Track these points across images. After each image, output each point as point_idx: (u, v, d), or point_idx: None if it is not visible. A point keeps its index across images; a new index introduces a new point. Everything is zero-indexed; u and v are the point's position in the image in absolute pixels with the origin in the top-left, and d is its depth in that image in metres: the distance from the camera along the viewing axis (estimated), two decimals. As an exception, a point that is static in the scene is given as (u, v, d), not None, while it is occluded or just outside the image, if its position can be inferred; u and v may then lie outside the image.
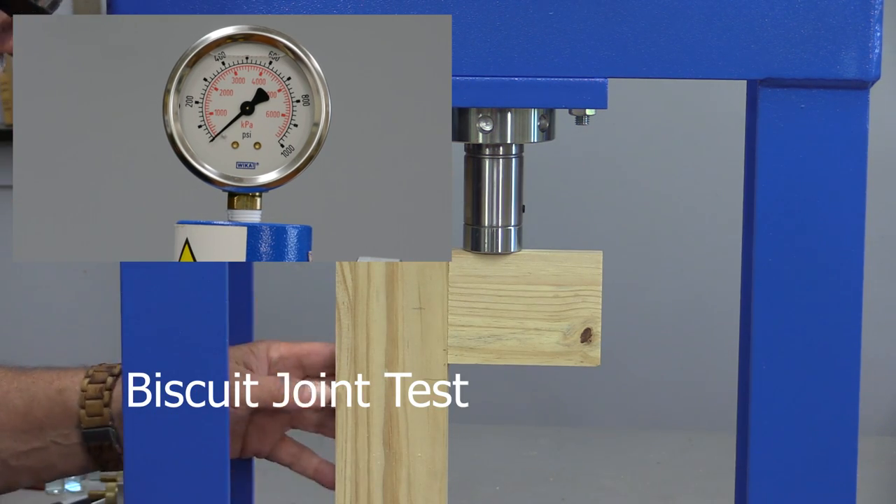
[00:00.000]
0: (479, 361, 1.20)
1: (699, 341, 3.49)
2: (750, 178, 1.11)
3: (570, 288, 1.19)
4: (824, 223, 1.05)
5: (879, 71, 1.03)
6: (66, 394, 1.32)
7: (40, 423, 1.32)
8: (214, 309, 1.09)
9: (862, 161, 1.05)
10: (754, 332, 1.07)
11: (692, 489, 2.17)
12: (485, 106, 1.12)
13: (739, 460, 1.18)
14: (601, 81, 1.06)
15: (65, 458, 1.33)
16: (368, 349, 1.20)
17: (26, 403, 1.32)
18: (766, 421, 1.07)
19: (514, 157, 1.17)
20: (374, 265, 1.19)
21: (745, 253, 1.10)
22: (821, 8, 1.03)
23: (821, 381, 1.06)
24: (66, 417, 1.32)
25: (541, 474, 2.25)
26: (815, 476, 1.07)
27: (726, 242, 2.62)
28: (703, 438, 2.46)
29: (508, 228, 1.18)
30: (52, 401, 1.32)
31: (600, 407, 3.50)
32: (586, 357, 1.20)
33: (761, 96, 1.04)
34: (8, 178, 3.50)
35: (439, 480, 1.21)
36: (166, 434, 1.11)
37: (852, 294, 1.06)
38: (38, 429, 1.32)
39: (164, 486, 1.11)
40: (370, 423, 1.21)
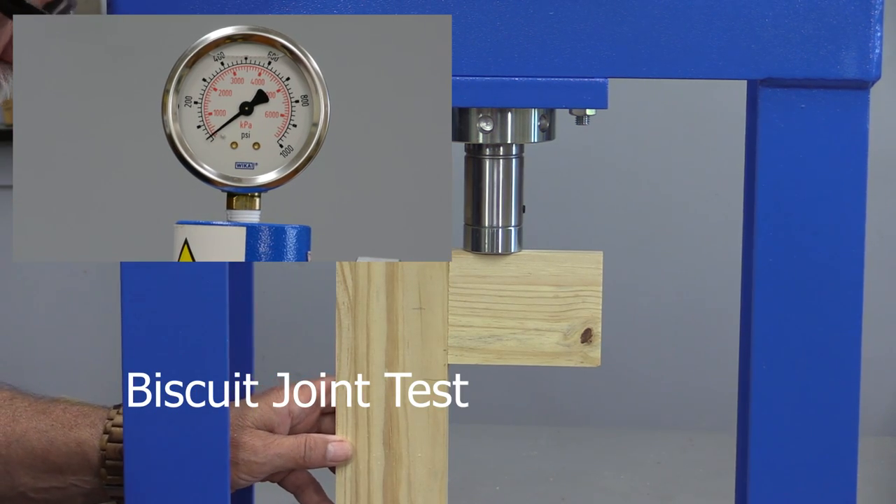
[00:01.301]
0: (480, 362, 1.20)
1: (699, 341, 3.49)
2: (750, 177, 1.11)
3: (570, 288, 1.19)
4: (824, 223, 1.05)
5: (879, 71, 1.03)
6: (85, 447, 1.30)
7: (59, 468, 1.31)
8: (214, 309, 1.09)
9: (862, 161, 1.05)
10: (754, 332, 1.07)
11: (692, 489, 2.17)
12: (485, 106, 1.12)
13: (739, 460, 1.18)
14: (601, 81, 1.06)
15: (86, 495, 1.33)
16: (368, 349, 1.20)
17: (45, 448, 1.31)
18: (766, 421, 1.07)
19: (514, 157, 1.17)
20: (374, 265, 1.19)
21: (746, 253, 1.10)
22: (821, 8, 1.03)
23: (821, 381, 1.06)
24: (86, 468, 1.30)
25: (541, 474, 2.25)
26: (815, 476, 1.07)
27: (726, 242, 2.62)
28: (703, 438, 2.46)
29: (509, 229, 1.18)
30: (72, 451, 1.30)
31: (600, 407, 3.49)
32: (586, 357, 1.19)
33: (761, 96, 1.04)
34: (8, 178, 3.50)
35: (439, 480, 1.21)
36: (166, 434, 1.11)
37: (852, 294, 1.06)
38: (57, 471, 1.31)
39: (164, 485, 1.11)
40: (370, 423, 1.21)
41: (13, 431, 1.31)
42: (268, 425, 1.27)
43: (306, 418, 1.29)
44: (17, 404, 1.34)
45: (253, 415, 1.27)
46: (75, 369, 3.66)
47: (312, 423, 1.30)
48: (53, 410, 1.33)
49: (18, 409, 1.33)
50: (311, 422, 1.30)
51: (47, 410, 1.33)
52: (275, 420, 1.27)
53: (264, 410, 1.27)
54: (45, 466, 1.31)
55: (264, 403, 1.28)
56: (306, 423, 1.29)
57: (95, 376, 3.61)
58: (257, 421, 1.27)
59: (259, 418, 1.27)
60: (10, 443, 1.31)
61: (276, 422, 1.27)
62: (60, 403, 1.34)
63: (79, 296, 3.67)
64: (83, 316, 3.66)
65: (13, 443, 1.31)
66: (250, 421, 1.26)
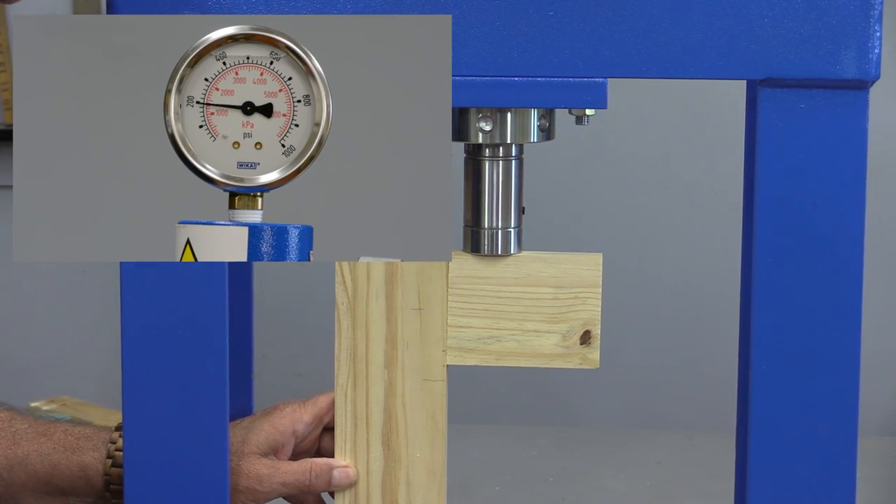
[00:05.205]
0: (479, 363, 1.20)
1: (699, 341, 3.49)
2: (750, 178, 1.11)
3: (569, 290, 1.19)
4: (824, 223, 1.05)
5: (879, 71, 1.03)
6: (89, 471, 1.29)
7: (63, 490, 1.30)
8: (214, 309, 1.09)
9: (862, 161, 1.05)
10: (754, 332, 1.07)
11: (692, 489, 2.16)
12: (485, 106, 1.12)
13: (739, 460, 1.18)
14: (601, 81, 1.06)
15: None
16: (368, 350, 1.20)
17: (48, 471, 1.30)
18: (766, 421, 1.07)
19: (513, 158, 1.17)
20: (374, 265, 1.19)
21: (745, 253, 1.10)
22: (821, 8, 1.03)
23: (821, 380, 1.06)
24: (90, 491, 1.30)
25: (541, 474, 2.25)
26: (815, 476, 1.07)
27: (726, 242, 2.62)
28: (703, 438, 2.45)
29: (508, 230, 1.18)
30: (75, 475, 1.29)
31: (600, 407, 3.49)
32: (585, 359, 1.19)
33: (761, 96, 1.04)
34: (8, 178, 3.50)
35: (438, 481, 1.22)
36: (166, 434, 1.11)
37: (852, 294, 1.06)
38: (60, 494, 1.31)
39: (164, 485, 1.11)
40: (369, 423, 1.21)
41: (14, 455, 1.31)
42: (273, 447, 1.26)
43: (309, 435, 1.29)
44: (17, 426, 1.33)
45: (257, 439, 1.26)
46: (75, 369, 3.65)
47: (314, 439, 1.30)
48: (54, 433, 1.32)
49: (19, 432, 1.32)
50: (313, 439, 1.30)
51: (48, 433, 1.32)
52: (280, 442, 1.26)
53: (269, 433, 1.27)
54: (47, 489, 1.31)
55: (269, 425, 1.27)
56: (309, 440, 1.29)
57: (95, 376, 3.61)
58: (262, 445, 1.26)
59: (264, 442, 1.26)
60: (13, 466, 1.30)
61: (280, 443, 1.26)
62: (61, 425, 1.34)
63: (79, 296, 3.67)
64: (83, 316, 3.66)
65: (15, 466, 1.30)
66: (255, 446, 1.25)
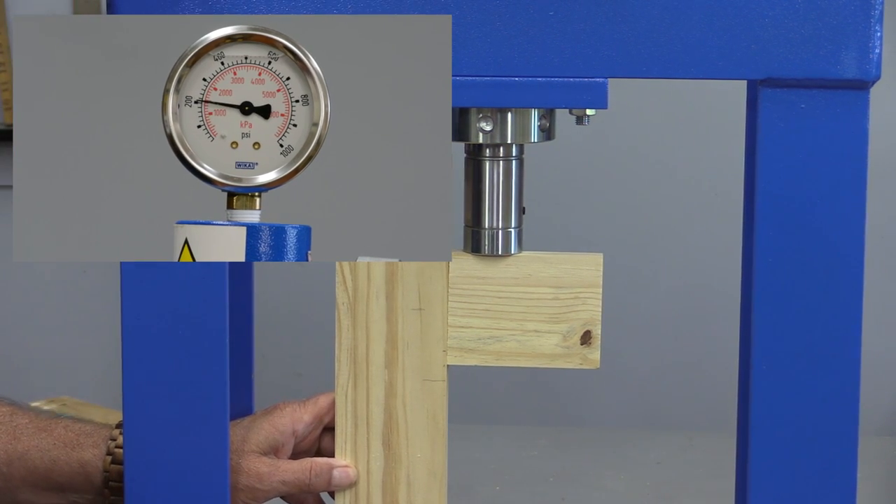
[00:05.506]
0: (479, 363, 1.20)
1: (699, 342, 3.49)
2: (750, 177, 1.11)
3: (570, 290, 1.19)
4: (824, 223, 1.05)
5: (879, 71, 1.03)
6: (89, 468, 1.29)
7: (62, 486, 1.30)
8: (214, 309, 1.09)
9: (862, 161, 1.05)
10: (754, 333, 1.07)
11: (692, 489, 2.16)
12: (485, 106, 1.12)
13: (739, 460, 1.18)
14: (601, 81, 1.06)
15: None
16: (368, 350, 1.20)
17: (47, 467, 1.30)
18: (766, 421, 1.07)
19: (514, 158, 1.17)
20: (374, 265, 1.19)
21: (746, 253, 1.10)
22: (821, 8, 1.03)
23: (821, 380, 1.06)
24: (89, 488, 1.30)
25: (541, 474, 2.25)
26: (815, 476, 1.07)
27: (726, 242, 2.62)
28: (703, 438, 2.45)
29: (509, 230, 1.18)
30: (74, 471, 1.30)
31: (600, 407, 3.49)
32: (586, 359, 1.19)
33: (761, 96, 1.04)
34: (8, 178, 3.50)
35: (438, 481, 1.21)
36: (166, 433, 1.11)
37: (852, 294, 1.06)
38: (59, 489, 1.31)
39: (164, 484, 1.11)
40: (369, 423, 1.21)
41: (14, 449, 1.31)
42: (273, 446, 1.26)
43: (309, 435, 1.29)
44: (18, 421, 1.33)
45: (257, 438, 1.26)
46: (75, 369, 3.65)
47: (314, 439, 1.30)
48: (55, 429, 1.32)
49: (19, 427, 1.32)
50: (313, 439, 1.29)
51: (48, 428, 1.32)
52: (280, 441, 1.26)
53: (269, 432, 1.27)
54: (46, 485, 1.30)
55: (269, 425, 1.27)
56: (309, 440, 1.29)
57: (95, 376, 3.61)
58: (262, 444, 1.26)
59: (264, 441, 1.26)
60: (12, 460, 1.30)
61: (280, 443, 1.26)
62: (62, 421, 1.34)
63: (79, 296, 3.67)
64: (83, 316, 3.66)
65: (14, 461, 1.30)
66: (255, 445, 1.25)
